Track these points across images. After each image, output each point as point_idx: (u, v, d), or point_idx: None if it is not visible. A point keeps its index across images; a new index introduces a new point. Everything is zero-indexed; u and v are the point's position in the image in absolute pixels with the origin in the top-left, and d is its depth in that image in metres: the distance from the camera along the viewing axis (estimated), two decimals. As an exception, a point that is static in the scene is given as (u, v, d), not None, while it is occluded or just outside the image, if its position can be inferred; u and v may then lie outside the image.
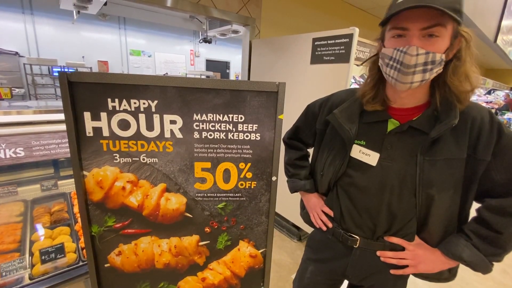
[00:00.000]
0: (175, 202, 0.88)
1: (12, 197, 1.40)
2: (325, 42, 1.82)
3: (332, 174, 0.85)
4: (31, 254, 1.13)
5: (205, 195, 0.90)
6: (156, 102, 0.80)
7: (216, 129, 0.85)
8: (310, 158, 1.05)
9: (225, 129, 0.85)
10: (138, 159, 0.84)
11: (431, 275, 0.80)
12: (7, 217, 1.32)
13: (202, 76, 7.52)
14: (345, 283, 1.01)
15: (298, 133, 1.05)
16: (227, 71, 9.38)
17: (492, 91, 6.75)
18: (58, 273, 1.07)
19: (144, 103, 0.79)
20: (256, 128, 0.86)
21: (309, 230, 1.13)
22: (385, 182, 0.75)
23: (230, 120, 0.84)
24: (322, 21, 3.26)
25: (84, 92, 0.76)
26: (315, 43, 1.90)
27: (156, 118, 0.81)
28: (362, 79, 2.00)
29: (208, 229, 0.93)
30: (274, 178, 0.91)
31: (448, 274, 0.81)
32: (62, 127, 1.31)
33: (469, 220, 0.76)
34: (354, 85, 1.92)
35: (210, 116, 0.83)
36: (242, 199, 0.92)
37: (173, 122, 0.82)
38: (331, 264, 0.92)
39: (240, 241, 0.96)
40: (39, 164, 1.51)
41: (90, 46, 6.53)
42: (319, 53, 1.88)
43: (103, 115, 0.79)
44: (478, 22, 3.34)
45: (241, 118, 0.84)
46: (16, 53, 5.50)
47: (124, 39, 7.08)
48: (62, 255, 1.09)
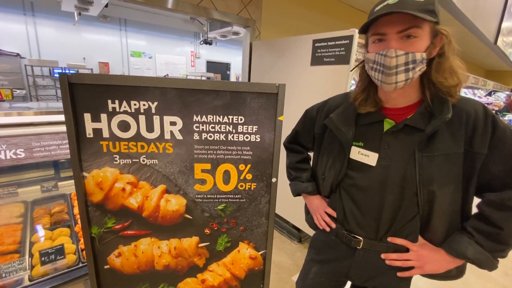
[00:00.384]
0: (175, 204, 0.88)
1: (12, 198, 1.40)
2: (325, 43, 1.82)
3: (333, 177, 0.86)
4: (31, 255, 1.13)
5: (205, 196, 0.90)
6: (156, 103, 0.80)
7: (216, 130, 0.85)
8: (311, 162, 1.06)
9: (225, 130, 0.85)
10: (138, 160, 0.84)
11: (438, 274, 0.80)
12: (7, 218, 1.32)
13: (202, 78, 7.53)
14: (348, 283, 1.01)
15: (297, 137, 1.06)
16: (228, 72, 9.39)
17: (492, 93, 6.75)
18: (58, 274, 1.07)
19: (144, 105, 0.79)
20: (256, 129, 0.86)
21: (309, 232, 1.13)
22: (386, 181, 0.76)
23: (230, 121, 0.84)
24: (322, 23, 3.26)
25: (84, 93, 0.76)
26: (315, 45, 1.90)
27: (156, 119, 0.81)
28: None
29: (208, 231, 0.93)
30: (274, 180, 0.91)
31: (456, 272, 0.80)
32: (63, 128, 1.31)
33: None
34: (354, 87, 1.92)
35: (210, 117, 0.83)
36: (242, 200, 0.92)
37: (173, 123, 0.82)
38: (335, 265, 0.92)
39: (240, 243, 0.96)
40: (39, 165, 1.51)
41: (91, 48, 6.54)
42: (319, 54, 1.88)
43: (103, 116, 0.79)
44: (478, 24, 3.35)
45: (241, 119, 0.85)
46: (18, 54, 5.51)
47: (125, 40, 7.09)
48: (62, 257, 1.09)
